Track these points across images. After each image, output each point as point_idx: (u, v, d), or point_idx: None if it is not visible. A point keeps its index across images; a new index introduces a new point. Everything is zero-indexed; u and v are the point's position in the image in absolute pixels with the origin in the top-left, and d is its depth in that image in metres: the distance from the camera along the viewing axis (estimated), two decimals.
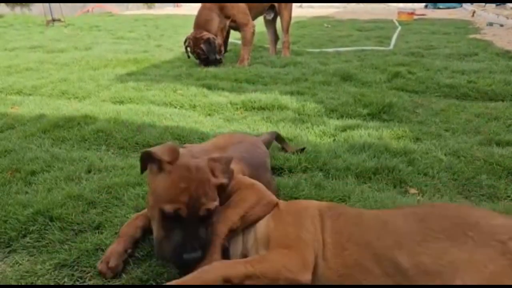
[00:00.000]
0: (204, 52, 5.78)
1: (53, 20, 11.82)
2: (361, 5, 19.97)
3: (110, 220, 2.14)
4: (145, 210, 1.95)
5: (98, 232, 2.06)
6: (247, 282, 1.49)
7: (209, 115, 3.95)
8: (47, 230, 2.07)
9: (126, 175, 2.62)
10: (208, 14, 5.79)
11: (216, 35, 5.85)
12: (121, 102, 4.26)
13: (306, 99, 4.18)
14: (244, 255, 1.71)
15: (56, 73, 5.53)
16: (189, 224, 1.60)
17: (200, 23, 5.80)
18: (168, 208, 1.58)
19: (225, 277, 1.49)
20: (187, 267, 1.57)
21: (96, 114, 3.76)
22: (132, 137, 3.25)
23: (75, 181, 2.57)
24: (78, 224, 2.11)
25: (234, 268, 1.52)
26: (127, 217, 2.14)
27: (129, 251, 1.86)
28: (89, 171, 2.71)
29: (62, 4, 12.88)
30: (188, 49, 5.90)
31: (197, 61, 5.95)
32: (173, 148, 1.72)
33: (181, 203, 1.58)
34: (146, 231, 1.93)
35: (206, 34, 5.75)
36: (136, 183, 2.52)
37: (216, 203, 1.68)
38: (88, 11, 16.42)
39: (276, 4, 6.49)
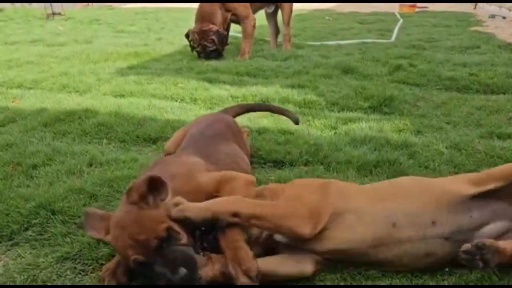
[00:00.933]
0: (215, 43, 5.79)
1: (53, 13, 11.78)
2: None
3: None
4: None
5: None
6: (252, 222, 1.64)
7: (210, 108, 3.95)
8: (49, 223, 2.08)
9: (128, 169, 2.63)
10: (211, 7, 5.80)
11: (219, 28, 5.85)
12: (122, 96, 4.26)
13: (307, 92, 4.17)
14: None
15: (57, 67, 5.52)
16: (155, 260, 1.56)
17: (205, 16, 5.79)
18: (131, 264, 1.58)
19: (234, 212, 1.63)
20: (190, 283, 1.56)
21: (97, 107, 3.76)
22: (133, 130, 3.25)
23: (76, 175, 2.58)
24: (79, 217, 2.12)
25: (245, 206, 1.65)
26: None
27: None
28: (91, 165, 2.72)
29: None
30: (192, 42, 5.85)
31: (200, 54, 5.90)
32: (97, 219, 1.71)
33: (132, 255, 1.57)
34: None
35: (214, 27, 5.77)
36: (137, 176, 2.52)
37: (164, 225, 1.60)
38: (88, 4, 16.35)
39: None
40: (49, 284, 1.73)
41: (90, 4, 16.40)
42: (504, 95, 4.18)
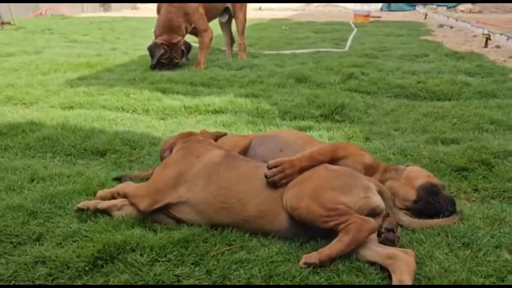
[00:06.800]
0: (182, 55, 5.85)
1: (2, 23, 11.34)
2: (319, 7, 20.27)
3: (52, 231, 2.06)
4: None
5: (38, 244, 1.98)
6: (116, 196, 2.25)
7: (162, 119, 3.90)
8: None
9: (72, 183, 2.54)
10: (177, 19, 5.80)
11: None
12: (71, 108, 4.13)
13: (261, 101, 4.19)
14: None
15: (3, 79, 5.29)
16: None
17: (173, 28, 5.77)
18: None
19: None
20: None
21: (43, 120, 3.62)
22: (80, 143, 3.15)
23: (16, 191, 2.46)
24: (17, 236, 2.02)
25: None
26: (70, 227, 2.07)
27: None
28: (32, 180, 2.60)
29: (12, 6, 12.35)
30: (157, 54, 5.72)
31: (157, 66, 5.78)
32: None
33: None
34: None
35: (181, 38, 5.83)
36: (82, 190, 2.45)
37: None
38: (41, 13, 15.85)
39: (230, 7, 6.49)
40: None
41: (43, 12, 15.91)
42: (449, 102, 4.35)
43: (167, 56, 5.75)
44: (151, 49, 5.81)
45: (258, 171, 2.08)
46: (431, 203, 2.18)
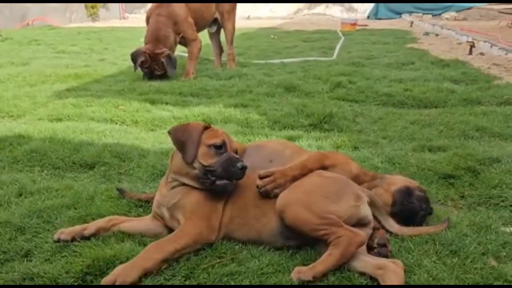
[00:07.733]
0: (163, 67, 5.75)
1: None
2: (307, 16, 20.44)
3: (40, 246, 2.04)
4: None
5: (27, 260, 1.96)
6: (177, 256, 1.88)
7: (152, 130, 3.89)
8: None
9: (61, 197, 2.52)
10: (165, 29, 5.79)
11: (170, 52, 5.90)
12: (59, 120, 4.10)
13: (250, 111, 4.21)
14: None
15: None
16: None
17: (160, 38, 5.76)
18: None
19: (162, 260, 1.82)
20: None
21: (31, 133, 3.59)
22: (68, 156, 3.13)
23: (3, 206, 2.44)
24: (4, 252, 2.01)
25: (165, 250, 1.84)
26: (59, 242, 2.05)
27: None
28: (20, 195, 2.58)
29: None
30: (141, 62, 5.71)
31: (145, 75, 5.79)
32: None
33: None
34: None
35: (166, 50, 5.77)
36: (71, 204, 2.43)
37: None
38: (28, 24, 15.75)
39: (219, 17, 6.53)
40: None
41: (30, 23, 15.81)
42: (436, 109, 4.41)
43: (148, 65, 5.73)
44: (133, 55, 5.80)
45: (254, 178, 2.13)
46: (405, 205, 2.23)
